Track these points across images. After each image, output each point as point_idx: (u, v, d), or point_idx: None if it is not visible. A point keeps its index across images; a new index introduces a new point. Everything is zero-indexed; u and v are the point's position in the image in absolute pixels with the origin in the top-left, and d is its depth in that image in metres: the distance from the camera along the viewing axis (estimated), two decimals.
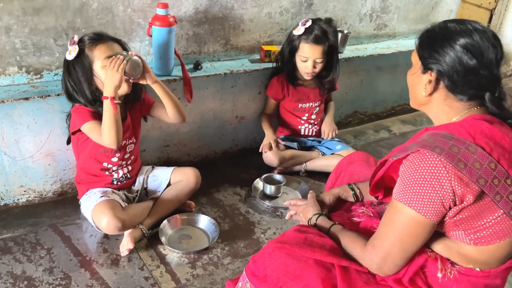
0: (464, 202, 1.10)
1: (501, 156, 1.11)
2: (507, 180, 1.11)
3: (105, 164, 1.73)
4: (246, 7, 2.21)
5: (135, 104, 1.77)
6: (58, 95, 1.74)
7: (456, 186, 1.08)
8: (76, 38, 1.58)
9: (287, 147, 2.22)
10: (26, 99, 1.69)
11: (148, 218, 1.75)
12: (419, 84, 1.24)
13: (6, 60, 1.74)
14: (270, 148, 2.14)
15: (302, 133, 2.31)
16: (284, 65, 2.18)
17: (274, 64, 2.26)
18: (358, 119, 2.86)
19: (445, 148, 1.10)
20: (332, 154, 2.22)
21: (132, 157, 1.80)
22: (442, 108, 1.23)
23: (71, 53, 1.56)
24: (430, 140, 1.13)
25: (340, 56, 2.51)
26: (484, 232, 1.14)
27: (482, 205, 1.11)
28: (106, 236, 1.73)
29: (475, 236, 1.15)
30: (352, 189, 1.54)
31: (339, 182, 1.65)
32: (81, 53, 1.57)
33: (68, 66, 1.60)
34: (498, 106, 1.18)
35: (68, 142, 1.76)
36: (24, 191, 1.85)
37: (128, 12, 1.90)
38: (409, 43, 2.92)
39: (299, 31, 2.05)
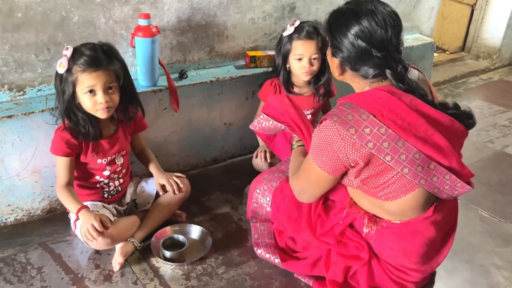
0: (358, 165, 1.31)
1: (393, 122, 1.27)
2: (398, 142, 1.26)
3: (97, 178, 1.72)
4: (229, 14, 2.21)
5: (131, 120, 1.75)
6: (42, 111, 1.72)
7: (348, 150, 1.28)
8: (69, 53, 1.51)
9: None
10: (10, 117, 1.67)
11: (139, 231, 1.73)
12: (332, 63, 1.45)
13: None
14: (265, 158, 2.10)
15: None
16: (278, 73, 2.10)
17: (269, 69, 2.24)
18: None
19: (341, 116, 1.29)
20: None
21: (124, 170, 1.79)
22: (354, 83, 1.44)
23: (60, 67, 1.52)
24: (334, 109, 1.33)
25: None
26: (389, 188, 1.33)
27: (377, 166, 1.30)
28: (97, 251, 1.70)
29: (383, 193, 1.35)
30: None
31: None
32: (69, 70, 1.52)
33: (55, 77, 1.56)
34: (400, 80, 1.33)
35: None
36: (12, 210, 1.82)
37: (110, 24, 1.89)
38: None
39: (289, 31, 2.01)
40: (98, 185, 1.74)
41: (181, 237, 1.74)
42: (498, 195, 2.24)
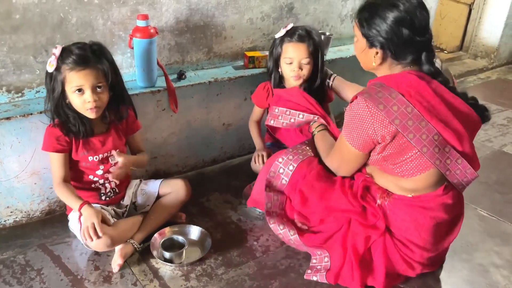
0: (385, 141, 1.41)
1: (419, 103, 1.37)
2: (421, 122, 1.37)
3: (90, 177, 1.71)
4: (227, 14, 2.21)
5: (122, 120, 1.74)
6: (41, 112, 1.71)
7: (377, 126, 1.39)
8: (58, 51, 1.52)
9: None
10: (8, 118, 1.66)
11: (138, 232, 1.73)
12: (368, 55, 1.50)
13: None
14: (263, 161, 2.03)
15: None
16: (270, 76, 2.05)
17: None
18: None
19: (372, 94, 1.40)
20: None
21: None
22: (390, 71, 1.49)
23: (49, 65, 1.52)
24: (365, 89, 1.45)
25: (324, 58, 2.52)
26: (406, 166, 1.45)
27: (401, 144, 1.40)
28: (97, 253, 1.70)
29: (400, 170, 1.47)
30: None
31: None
32: (58, 68, 1.52)
33: (45, 76, 1.57)
34: (431, 63, 1.45)
35: None
36: (11, 212, 1.82)
37: (108, 25, 1.89)
38: None
39: (281, 33, 1.97)
40: (93, 186, 1.73)
41: (180, 238, 1.74)
42: (496, 194, 2.25)
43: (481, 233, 1.96)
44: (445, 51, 4.41)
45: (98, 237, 1.54)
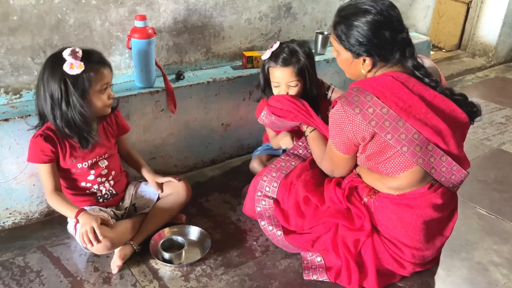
0: (365, 141, 1.44)
1: (394, 103, 1.39)
2: (398, 122, 1.39)
3: (83, 184, 1.70)
4: (225, 15, 2.21)
5: (109, 121, 1.74)
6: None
7: (355, 129, 1.42)
8: (80, 53, 1.51)
9: (272, 156, 2.17)
10: (6, 120, 1.66)
11: (138, 233, 1.72)
12: (356, 66, 1.50)
13: None
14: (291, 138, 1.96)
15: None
16: (263, 92, 2.03)
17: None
18: None
19: (349, 98, 1.43)
20: None
21: (113, 172, 1.76)
22: (374, 74, 1.50)
23: (74, 68, 1.48)
24: (344, 93, 1.47)
25: (322, 57, 2.52)
26: (389, 164, 1.47)
27: (380, 144, 1.43)
28: (96, 254, 1.70)
29: (384, 168, 1.49)
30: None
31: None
32: (83, 71, 1.50)
33: (65, 80, 1.49)
34: (414, 57, 1.47)
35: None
36: (10, 214, 1.82)
37: (106, 26, 1.89)
38: None
39: (266, 55, 1.89)
40: (88, 191, 1.72)
41: (179, 239, 1.74)
42: (495, 192, 2.25)
43: (480, 232, 1.96)
44: (444, 50, 4.41)
45: (98, 241, 1.54)
